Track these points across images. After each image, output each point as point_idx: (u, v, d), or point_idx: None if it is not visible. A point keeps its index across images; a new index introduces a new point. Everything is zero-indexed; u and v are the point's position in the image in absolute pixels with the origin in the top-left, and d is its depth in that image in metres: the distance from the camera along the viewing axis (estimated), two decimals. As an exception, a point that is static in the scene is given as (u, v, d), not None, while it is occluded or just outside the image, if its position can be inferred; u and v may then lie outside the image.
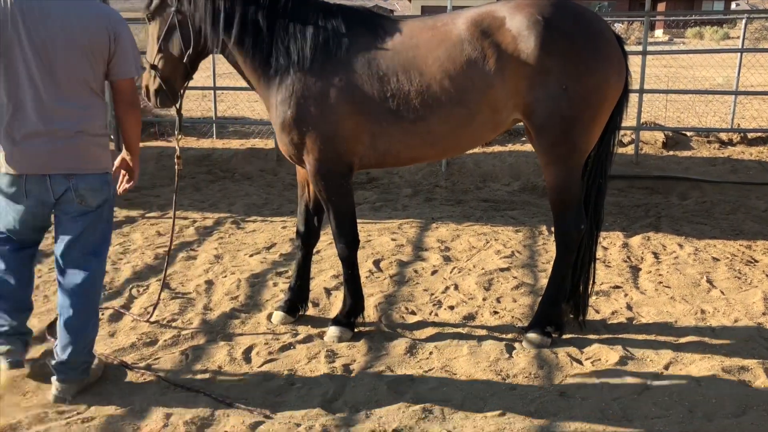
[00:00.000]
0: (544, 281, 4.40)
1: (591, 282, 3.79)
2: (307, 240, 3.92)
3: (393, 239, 5.42)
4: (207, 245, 5.34)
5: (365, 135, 3.46)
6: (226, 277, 4.62)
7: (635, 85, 7.01)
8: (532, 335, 3.61)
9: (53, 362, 3.07)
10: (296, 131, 3.45)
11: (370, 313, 3.99)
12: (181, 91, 3.68)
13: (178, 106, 3.69)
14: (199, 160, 8.07)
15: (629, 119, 3.66)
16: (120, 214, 6.22)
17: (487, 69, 3.33)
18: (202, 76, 12.28)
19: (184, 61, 3.53)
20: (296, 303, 3.95)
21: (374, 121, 3.43)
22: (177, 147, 3.89)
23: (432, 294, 4.32)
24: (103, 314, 4.00)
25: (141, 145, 3.22)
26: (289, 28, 3.43)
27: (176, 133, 3.88)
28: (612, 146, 3.64)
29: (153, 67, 3.53)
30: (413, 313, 4.04)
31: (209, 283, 4.52)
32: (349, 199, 3.62)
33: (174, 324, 3.89)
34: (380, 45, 3.42)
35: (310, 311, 4.06)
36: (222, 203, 6.61)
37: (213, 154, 8.25)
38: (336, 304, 4.15)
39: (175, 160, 3.91)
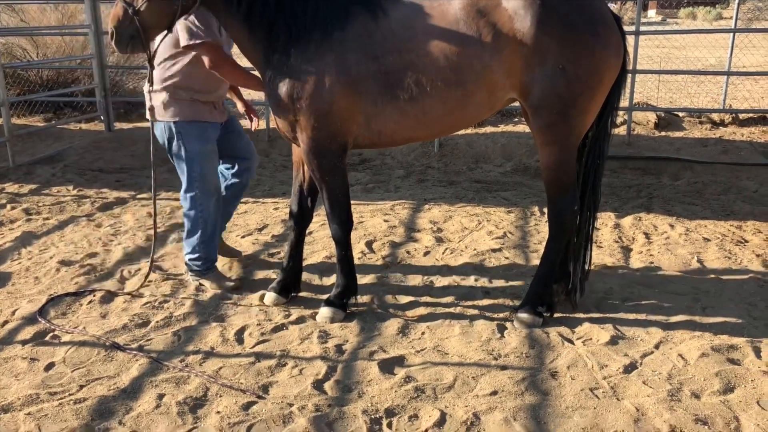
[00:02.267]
0: (535, 262, 4.42)
1: (587, 263, 3.80)
2: (300, 221, 3.92)
3: (385, 220, 5.41)
4: (199, 226, 5.32)
5: (359, 114, 3.45)
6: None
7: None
8: (523, 315, 3.63)
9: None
10: (291, 108, 3.44)
11: (363, 293, 3.99)
12: (159, 42, 3.63)
13: (151, 54, 3.58)
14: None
15: (621, 99, 3.66)
16: (110, 195, 6.19)
17: (483, 49, 3.31)
18: (192, 56, 12.18)
19: (176, 15, 3.32)
20: (288, 284, 3.95)
21: (369, 100, 3.41)
22: (148, 101, 3.84)
23: (424, 275, 4.33)
24: (94, 296, 3.99)
25: (130, 125, 3.28)
26: (290, 5, 3.38)
27: (148, 85, 3.81)
28: (609, 127, 3.63)
29: (135, 12, 3.26)
30: (406, 294, 4.05)
31: (201, 265, 4.51)
32: (343, 178, 3.61)
33: (166, 305, 3.89)
34: (377, 24, 3.39)
35: (303, 292, 4.07)
36: (213, 184, 6.57)
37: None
38: (328, 285, 4.15)
39: (147, 114, 3.89)
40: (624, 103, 7.89)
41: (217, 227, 4.16)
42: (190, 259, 4.11)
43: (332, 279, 4.20)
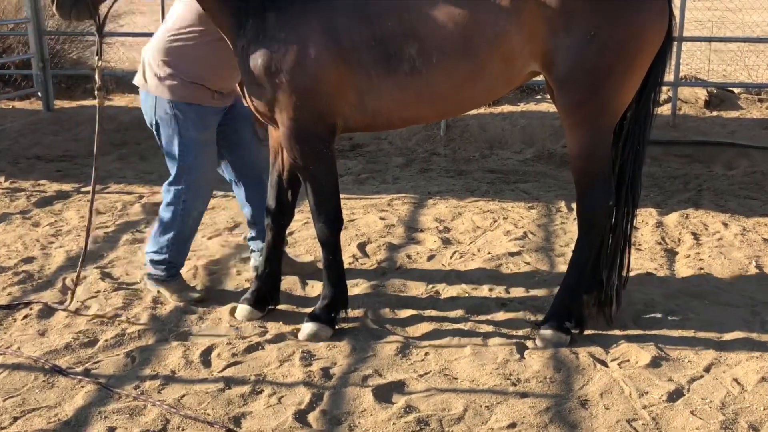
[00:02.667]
0: (562, 268, 4.42)
1: (624, 269, 3.81)
2: (279, 218, 3.91)
3: (381, 218, 5.42)
4: (156, 226, 5.32)
5: (351, 90, 3.44)
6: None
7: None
8: (547, 332, 3.63)
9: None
10: (268, 84, 3.43)
11: (355, 306, 3.99)
12: (110, 6, 3.63)
13: (99, 22, 3.59)
14: (144, 122, 7.97)
15: (666, 72, 3.67)
16: (50, 188, 6.18)
17: (498, 11, 3.30)
18: (149, 20, 12.14)
19: None
20: (265, 294, 3.95)
21: (363, 73, 3.41)
22: (97, 78, 3.82)
23: (428, 284, 4.34)
24: (30, 309, 3.99)
25: (74, 104, 3.26)
26: None
27: (96, 58, 3.79)
28: (652, 106, 3.63)
29: None
30: (406, 306, 4.06)
31: (160, 272, 4.51)
32: (331, 168, 3.61)
33: (117, 320, 3.88)
34: None
35: (282, 305, 4.06)
36: (174, 175, 6.56)
37: (163, 116, 8.19)
38: (313, 296, 4.15)
39: (95, 93, 3.85)
40: (668, 77, 7.90)
41: (194, 233, 4.17)
42: (152, 260, 4.10)
43: (318, 289, 4.19)
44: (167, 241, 4.05)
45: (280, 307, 4.04)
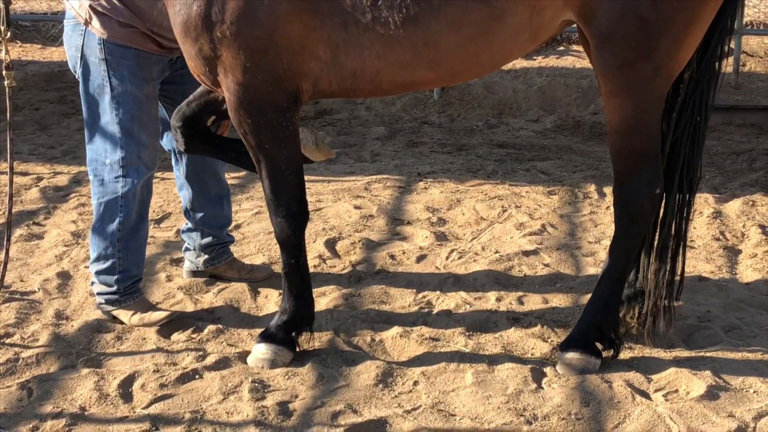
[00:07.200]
0: (590, 271, 4.44)
1: (678, 273, 3.82)
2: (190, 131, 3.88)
3: (357, 207, 5.42)
4: (60, 217, 5.30)
5: (321, 45, 3.42)
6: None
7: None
8: (572, 355, 3.65)
9: None
10: (207, 37, 3.40)
11: (321, 322, 4.00)
12: None
13: None
14: (45, 82, 7.94)
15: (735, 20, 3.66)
16: None
17: None
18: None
19: None
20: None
21: (337, 23, 3.37)
22: (4, 49, 3.77)
23: (418, 292, 4.35)
24: None
25: None
26: None
27: (3, 28, 3.75)
28: (719, 64, 3.63)
29: None
30: (388, 322, 4.07)
31: (64, 277, 4.50)
32: (293, 147, 3.59)
33: (9, 341, 3.87)
34: None
35: (227, 321, 4.06)
36: (83, 150, 6.49)
37: (67, 72, 8.11)
38: (267, 310, 4.15)
39: (3, 73, 3.81)
40: (729, 22, 7.92)
41: (146, 223, 4.11)
42: (98, 272, 4.02)
43: (273, 299, 4.19)
44: (110, 239, 3.97)
45: (223, 323, 4.03)
